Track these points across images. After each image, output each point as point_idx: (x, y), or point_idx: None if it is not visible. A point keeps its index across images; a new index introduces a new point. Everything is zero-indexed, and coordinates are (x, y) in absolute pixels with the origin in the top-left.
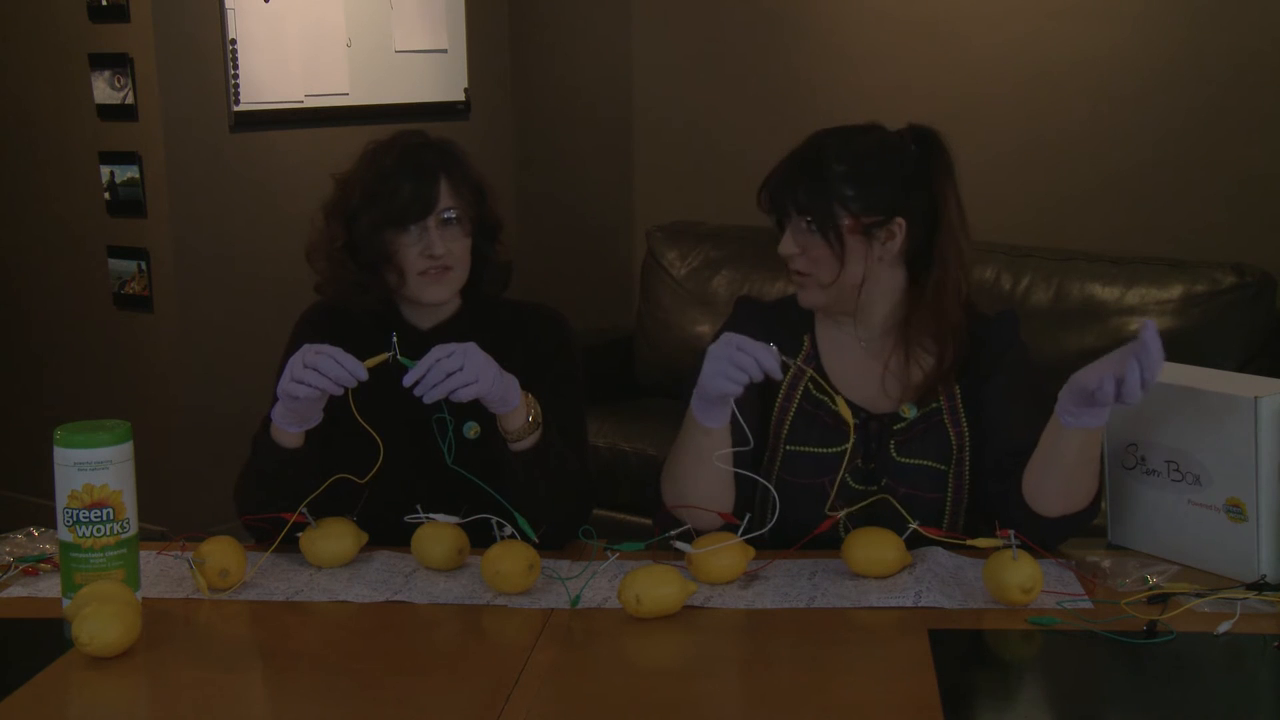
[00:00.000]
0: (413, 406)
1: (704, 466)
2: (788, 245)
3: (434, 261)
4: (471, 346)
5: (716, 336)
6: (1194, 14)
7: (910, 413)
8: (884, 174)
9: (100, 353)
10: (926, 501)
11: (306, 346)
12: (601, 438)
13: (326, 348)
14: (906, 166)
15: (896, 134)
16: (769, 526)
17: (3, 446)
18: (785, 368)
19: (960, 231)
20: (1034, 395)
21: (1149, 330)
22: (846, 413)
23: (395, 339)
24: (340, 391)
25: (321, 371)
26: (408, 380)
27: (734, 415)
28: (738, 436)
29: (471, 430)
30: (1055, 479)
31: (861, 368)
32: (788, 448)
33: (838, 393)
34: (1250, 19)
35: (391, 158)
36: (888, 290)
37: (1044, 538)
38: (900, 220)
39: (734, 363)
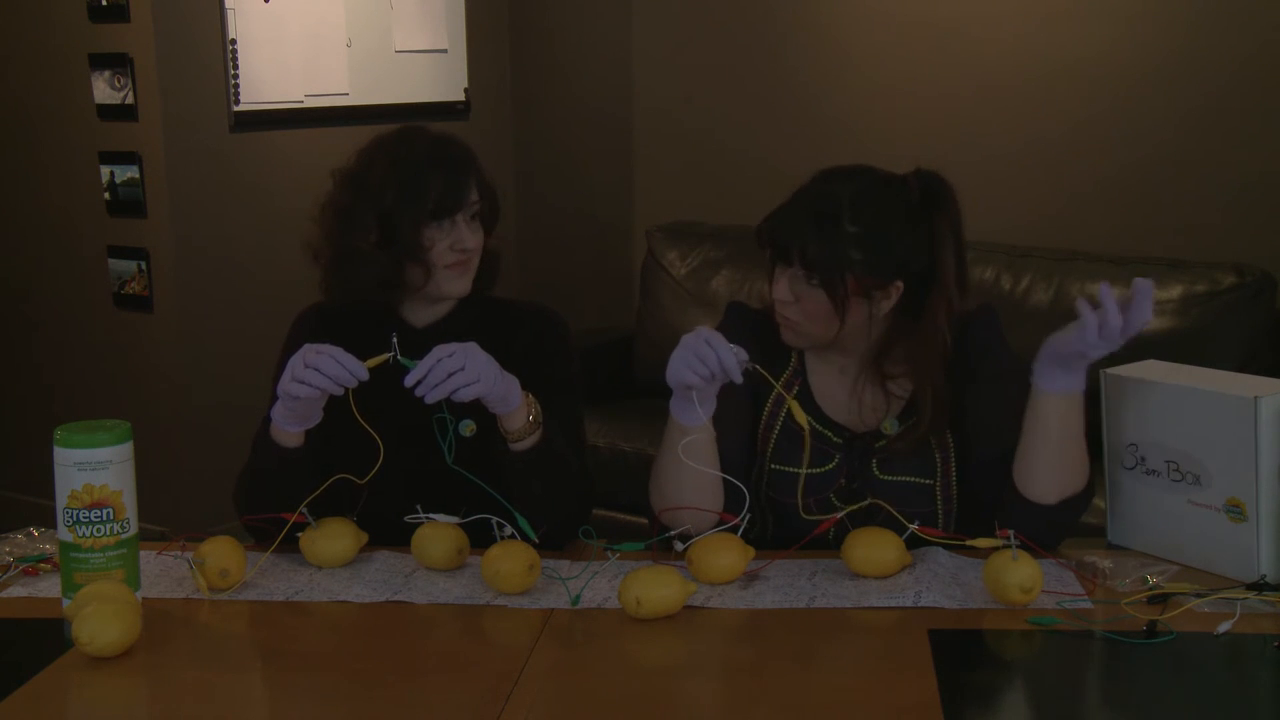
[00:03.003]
0: (412, 407)
1: (684, 469)
2: (782, 291)
3: (463, 255)
4: (473, 346)
5: None
6: (1193, 14)
7: (891, 428)
8: (894, 239)
9: (100, 353)
10: (915, 518)
11: (308, 346)
12: (601, 438)
13: (327, 347)
14: (913, 226)
15: (903, 180)
16: (746, 519)
17: (3, 446)
18: (749, 375)
19: (954, 289)
20: (1021, 394)
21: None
22: (801, 416)
23: (396, 339)
24: (341, 391)
25: (322, 371)
26: (409, 380)
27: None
28: (722, 435)
29: (467, 429)
30: (1044, 457)
31: (844, 386)
32: (773, 466)
33: (794, 398)
34: (1250, 19)
35: (418, 152)
36: (867, 335)
37: (1046, 530)
38: (899, 284)
39: (698, 355)
